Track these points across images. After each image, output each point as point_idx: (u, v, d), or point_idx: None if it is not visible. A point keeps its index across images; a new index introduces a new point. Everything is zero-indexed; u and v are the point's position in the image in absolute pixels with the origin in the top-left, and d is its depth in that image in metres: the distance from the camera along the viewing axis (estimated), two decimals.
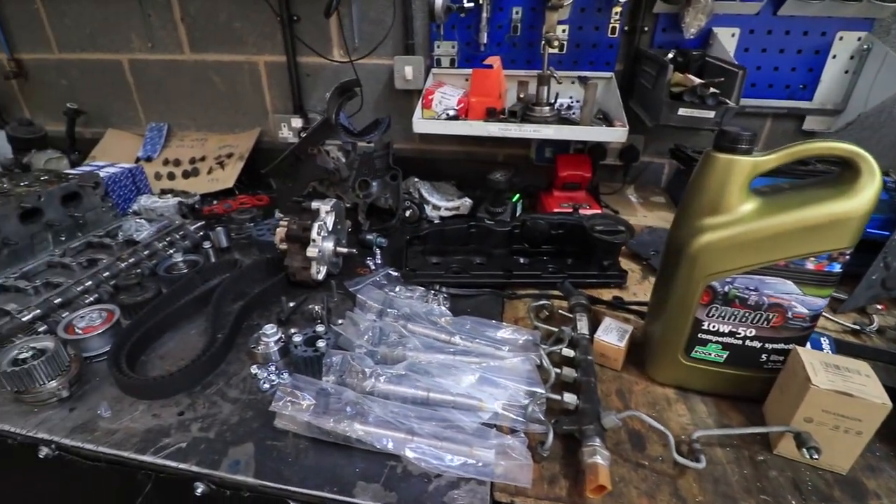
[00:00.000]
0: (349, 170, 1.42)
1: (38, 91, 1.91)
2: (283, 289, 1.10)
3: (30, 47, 1.82)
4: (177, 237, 1.28)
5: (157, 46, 1.70)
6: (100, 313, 0.92)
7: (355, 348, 0.87)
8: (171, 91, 1.78)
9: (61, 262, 1.20)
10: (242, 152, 1.69)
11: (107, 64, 1.78)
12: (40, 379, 0.77)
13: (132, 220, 1.35)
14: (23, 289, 1.08)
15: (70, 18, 1.72)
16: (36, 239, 1.24)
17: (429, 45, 1.52)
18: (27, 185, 1.30)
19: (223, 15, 1.60)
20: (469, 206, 1.42)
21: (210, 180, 1.66)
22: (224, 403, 0.78)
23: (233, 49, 1.65)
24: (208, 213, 1.51)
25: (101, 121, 1.89)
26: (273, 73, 1.67)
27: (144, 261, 1.16)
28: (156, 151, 1.79)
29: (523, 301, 1.07)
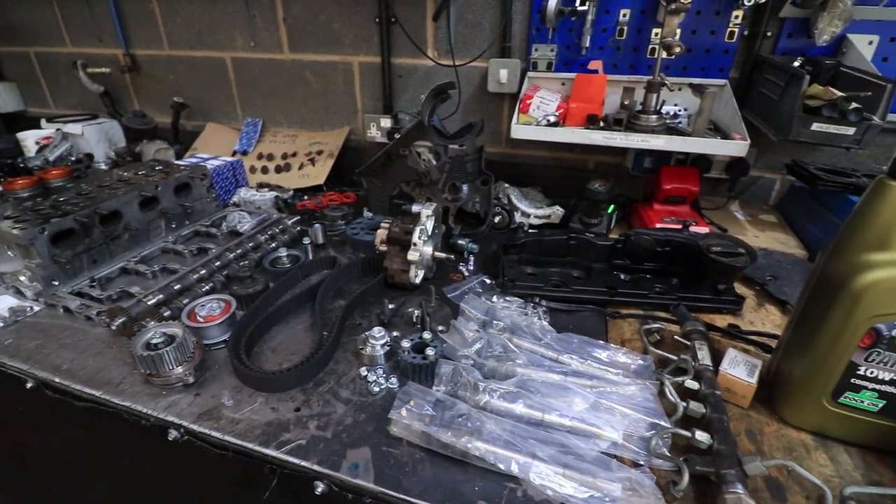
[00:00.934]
0: (440, 172, 1.41)
1: (148, 85, 2.05)
2: (380, 290, 1.11)
3: (144, 44, 1.96)
4: (276, 231, 1.33)
5: (259, 45, 1.77)
6: (218, 303, 0.96)
7: (460, 359, 0.86)
8: (267, 88, 1.85)
9: (174, 249, 1.27)
10: (332, 150, 1.74)
11: (211, 61, 1.88)
12: (169, 364, 0.81)
13: (235, 212, 1.41)
14: (143, 273, 1.16)
15: (181, 18, 1.83)
16: (151, 225, 1.33)
17: (526, 48, 1.48)
18: (144, 174, 1.40)
19: (323, 16, 1.64)
20: (560, 216, 1.38)
21: (301, 176, 1.72)
22: (337, 403, 0.79)
23: (329, 49, 1.69)
24: (301, 208, 1.56)
25: (201, 114, 2.00)
26: (366, 73, 1.69)
27: (250, 253, 1.21)
28: (251, 146, 1.87)
29: (627, 321, 1.02)
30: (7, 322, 0.99)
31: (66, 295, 1.05)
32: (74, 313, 1.01)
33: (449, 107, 1.53)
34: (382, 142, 1.72)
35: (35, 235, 1.04)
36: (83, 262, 1.15)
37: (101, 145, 2.03)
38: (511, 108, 1.59)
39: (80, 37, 2.05)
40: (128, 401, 0.80)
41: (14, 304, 1.05)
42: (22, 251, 1.05)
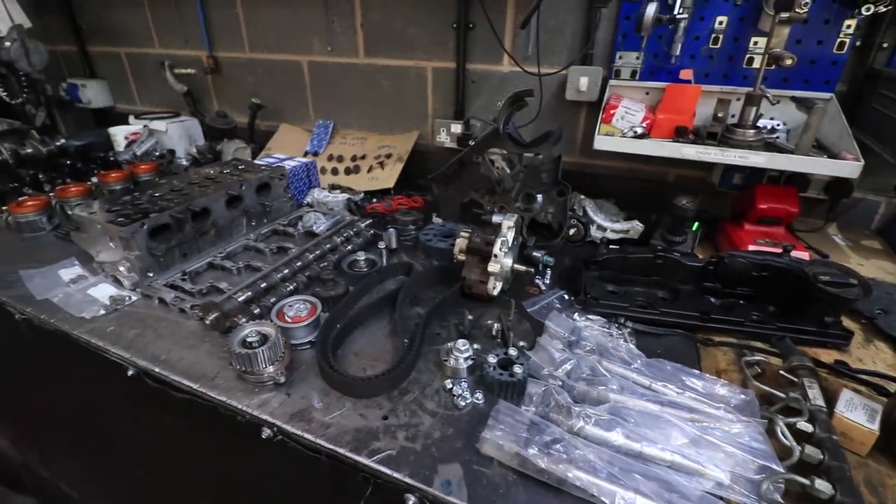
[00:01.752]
0: (513, 181, 1.39)
1: (227, 86, 2.14)
2: (456, 299, 1.10)
3: (226, 47, 2.05)
4: (351, 233, 1.35)
5: (336, 50, 1.81)
6: (305, 304, 0.98)
7: (547, 378, 0.84)
8: (340, 91, 1.89)
9: (255, 247, 1.32)
10: (401, 154, 1.75)
11: (288, 64, 1.94)
12: (263, 363, 0.83)
13: (311, 213, 1.45)
14: (228, 269, 1.21)
15: (263, 22, 1.90)
16: (234, 223, 1.38)
17: (609, 55, 1.44)
18: (229, 173, 1.46)
19: (399, 22, 1.66)
20: (640, 231, 1.32)
21: (370, 179, 1.74)
22: (423, 415, 0.79)
23: (404, 54, 1.71)
24: (371, 211, 1.58)
25: (275, 115, 2.07)
26: (439, 78, 1.70)
27: (328, 255, 1.23)
28: (322, 147, 1.92)
29: (721, 350, 0.96)
30: (108, 310, 1.06)
31: (161, 287, 1.10)
32: (169, 305, 1.06)
33: (526, 114, 1.50)
34: (451, 147, 1.71)
35: (136, 230, 1.10)
36: (175, 255, 1.21)
37: (182, 142, 2.15)
38: (589, 117, 1.55)
39: (168, 39, 2.17)
40: (223, 395, 0.83)
41: (113, 292, 1.12)
42: (123, 243, 1.11)
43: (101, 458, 1.33)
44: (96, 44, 2.42)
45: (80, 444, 1.37)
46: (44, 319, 1.04)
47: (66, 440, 1.42)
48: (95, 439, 1.27)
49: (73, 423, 1.31)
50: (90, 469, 1.44)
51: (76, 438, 1.36)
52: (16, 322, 1.10)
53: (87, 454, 1.38)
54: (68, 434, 1.37)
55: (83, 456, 1.41)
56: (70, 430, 1.34)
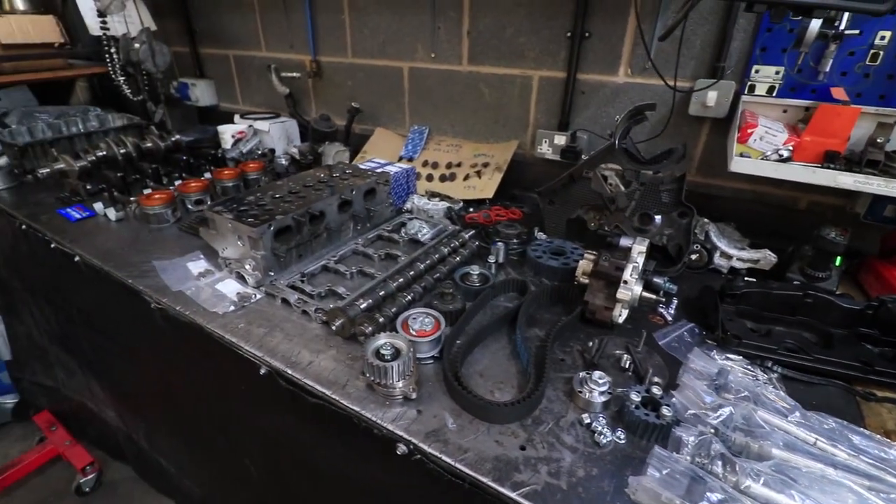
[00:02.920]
0: (628, 200, 1.32)
1: (327, 89, 2.21)
2: (575, 323, 1.05)
3: (329, 52, 2.11)
4: (457, 244, 1.33)
5: (439, 57, 1.81)
6: (428, 318, 0.97)
7: (696, 423, 0.77)
8: (438, 98, 1.90)
9: (364, 252, 1.34)
10: (500, 163, 1.72)
11: (389, 70, 1.97)
12: (395, 377, 0.83)
13: (415, 221, 1.45)
14: (342, 273, 1.23)
15: (369, 29, 1.94)
16: (343, 227, 1.41)
17: (743, 69, 1.33)
18: (338, 176, 1.49)
19: (510, 30, 1.63)
20: (772, 263, 1.22)
21: (466, 187, 1.73)
22: (563, 449, 0.75)
23: (510, 63, 1.68)
24: (469, 220, 1.56)
25: (370, 119, 2.11)
26: (545, 88, 1.65)
27: (438, 266, 1.22)
28: (416, 152, 1.93)
29: (885, 407, 0.85)
30: (236, 306, 1.10)
31: (284, 287, 1.13)
32: (293, 306, 1.09)
33: (650, 129, 1.43)
34: (552, 159, 1.66)
35: (264, 231, 1.14)
36: (292, 256, 1.25)
37: (281, 142, 2.24)
38: (712, 133, 1.45)
39: (275, 43, 2.27)
40: (356, 405, 0.83)
41: (239, 289, 1.17)
42: (251, 243, 1.16)
43: (208, 443, 1.40)
44: (207, 46, 2.58)
45: (189, 426, 1.45)
46: (179, 311, 1.10)
47: (176, 420, 1.51)
48: (207, 425, 1.33)
49: (186, 406, 1.38)
50: (194, 450, 1.52)
51: (186, 420, 1.44)
52: (150, 310, 1.18)
53: (194, 436, 1.46)
54: (180, 415, 1.45)
55: (190, 437, 1.49)
56: (182, 412, 1.42)
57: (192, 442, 1.50)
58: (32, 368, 2.23)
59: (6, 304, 2.14)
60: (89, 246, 1.39)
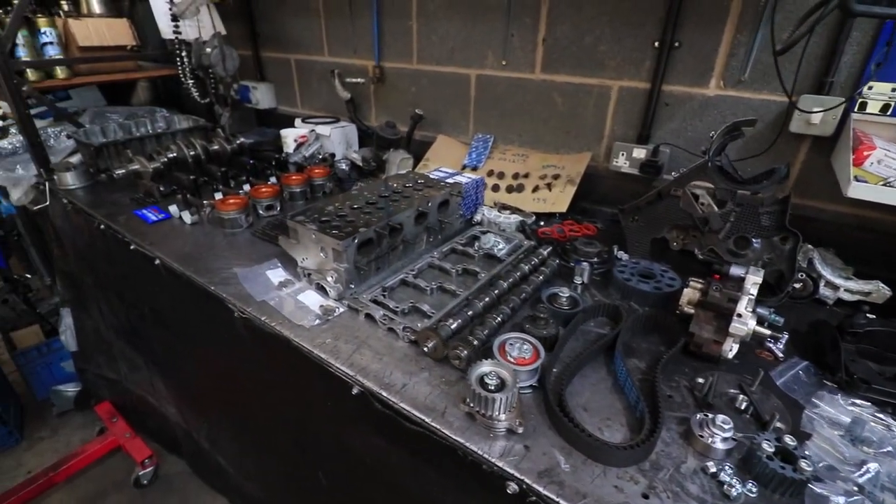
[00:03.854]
0: (722, 221, 1.25)
1: (389, 95, 2.20)
2: (678, 356, 0.99)
3: (394, 57, 2.10)
4: (536, 261, 1.29)
5: (510, 64, 1.77)
6: (525, 345, 0.93)
7: (834, 479, 0.71)
8: (506, 106, 1.85)
9: (440, 266, 1.30)
10: (572, 176, 1.66)
11: (455, 77, 1.94)
12: (500, 409, 0.79)
13: (490, 235, 1.41)
14: (422, 288, 1.20)
15: (437, 35, 1.92)
16: (417, 239, 1.39)
17: (854, 84, 1.24)
18: (411, 187, 1.47)
19: (590, 38, 1.57)
20: (886, 296, 1.12)
21: (536, 199, 1.68)
22: (689, 500, 0.70)
23: (587, 72, 1.62)
24: (542, 235, 1.51)
25: (432, 126, 2.08)
26: (625, 98, 1.59)
27: (522, 285, 1.18)
28: (481, 161, 1.89)
29: None
30: (321, 320, 1.09)
31: (367, 302, 1.11)
32: (378, 322, 1.06)
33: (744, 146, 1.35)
34: (629, 173, 1.59)
35: (349, 243, 1.13)
36: (371, 268, 1.23)
37: (341, 146, 2.24)
38: (813, 152, 1.35)
39: (338, 48, 2.28)
40: (458, 436, 0.80)
41: (321, 301, 1.16)
42: (335, 255, 1.14)
43: (277, 450, 1.40)
44: (269, 50, 2.61)
45: (259, 432, 1.46)
46: (264, 322, 1.09)
47: (244, 424, 1.51)
48: (280, 433, 1.33)
49: (259, 413, 1.39)
50: (261, 455, 1.52)
51: (256, 426, 1.45)
52: (232, 318, 1.18)
53: (262, 442, 1.46)
54: (250, 420, 1.46)
55: (258, 442, 1.50)
56: (253, 418, 1.43)
57: (258, 447, 1.50)
58: (97, 361, 2.31)
59: (76, 298, 2.22)
60: (168, 249, 1.42)
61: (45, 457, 2.33)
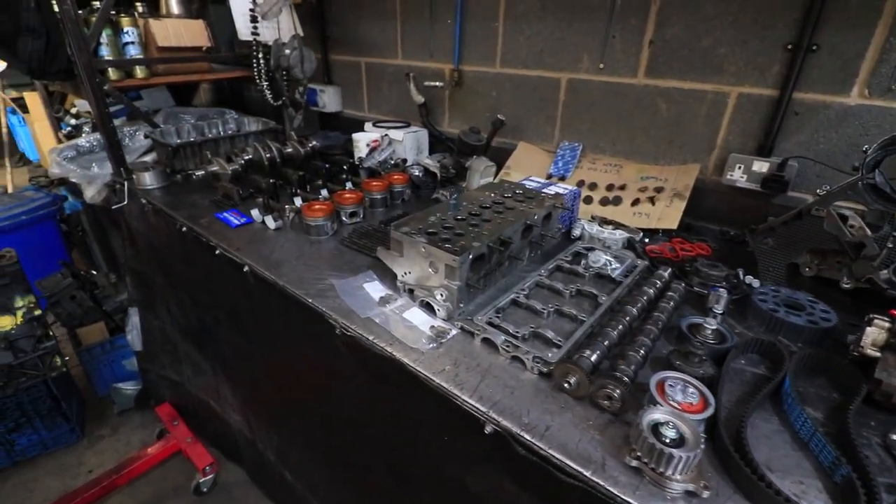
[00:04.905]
0: (878, 247, 1.09)
1: (465, 99, 2.11)
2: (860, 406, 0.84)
3: (474, 60, 2.01)
4: (659, 284, 1.16)
5: (608, 68, 1.65)
6: (688, 388, 0.80)
7: None
8: (600, 112, 1.73)
9: (550, 285, 1.19)
10: (679, 189, 1.53)
11: (543, 81, 1.83)
12: (673, 469, 0.67)
13: (599, 253, 1.29)
14: (538, 310, 1.09)
15: (526, 37, 1.82)
16: (520, 255, 1.28)
17: None
18: (510, 197, 1.36)
19: (707, 40, 1.44)
20: None
21: (636, 214, 1.55)
22: None
23: (701, 77, 1.48)
24: (651, 253, 1.38)
25: (512, 132, 1.98)
26: (744, 106, 1.44)
27: (654, 313, 1.05)
28: (569, 171, 1.78)
29: None
30: (434, 343, 0.99)
31: (484, 325, 1.01)
32: (500, 350, 0.96)
33: None
34: (746, 188, 1.45)
35: (465, 259, 1.03)
36: (480, 286, 1.13)
37: (412, 152, 2.17)
38: None
39: (413, 51, 2.21)
40: (629, 496, 0.68)
41: (430, 321, 1.06)
42: (447, 271, 1.05)
43: (366, 475, 1.31)
44: (339, 53, 2.58)
45: (344, 453, 1.37)
46: (374, 343, 1.00)
47: (324, 442, 1.43)
48: (373, 458, 1.24)
49: (349, 436, 1.30)
50: (343, 477, 1.44)
51: (341, 446, 1.36)
52: (331, 334, 1.10)
53: (348, 464, 1.38)
54: (334, 440, 1.38)
55: (341, 463, 1.41)
56: (340, 438, 1.34)
57: (338, 466, 1.42)
58: (161, 362, 2.29)
59: (145, 297, 2.21)
60: (255, 255, 1.35)
61: (105, 455, 2.33)
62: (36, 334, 1.65)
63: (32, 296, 1.84)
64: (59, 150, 2.18)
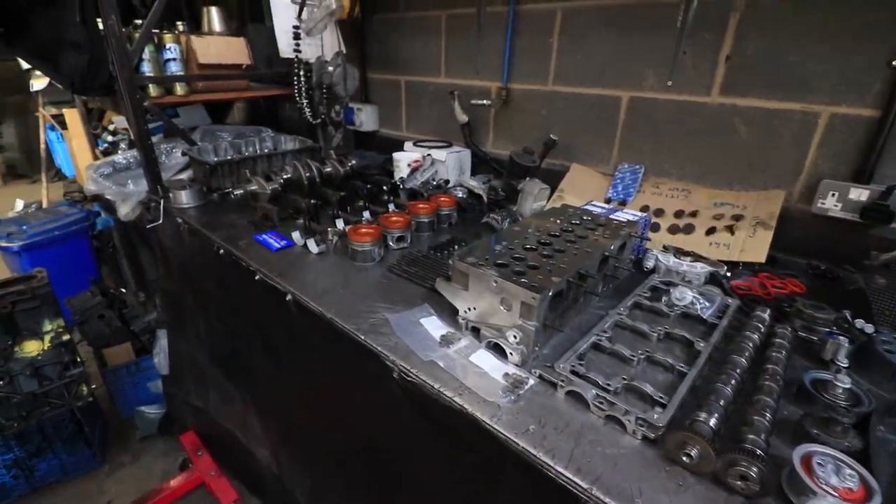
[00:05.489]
0: None
1: (512, 118, 2.01)
2: None
3: (524, 78, 1.92)
4: (760, 328, 1.00)
5: (677, 86, 1.53)
6: (844, 467, 0.65)
7: None
8: (666, 133, 1.60)
9: (633, 327, 1.05)
10: (763, 217, 1.38)
11: (601, 99, 1.72)
12: None
13: (684, 289, 1.14)
14: (625, 357, 0.95)
15: (583, 53, 1.72)
16: (594, 289, 1.14)
17: None
18: (578, 224, 1.24)
19: (796, 55, 1.31)
20: None
21: (714, 244, 1.40)
22: None
23: (788, 95, 1.35)
24: (738, 290, 1.23)
25: (562, 153, 1.86)
26: (838, 127, 1.30)
27: (768, 365, 0.90)
28: (630, 195, 1.64)
29: None
30: (512, 395, 0.86)
31: (567, 374, 0.87)
32: (592, 407, 0.82)
33: None
34: (841, 217, 1.29)
35: (546, 297, 0.90)
36: (556, 325, 1.00)
37: (454, 172, 2.07)
38: None
39: (458, 69, 2.13)
40: None
41: (502, 367, 0.93)
42: (523, 310, 0.92)
43: None
44: (377, 71, 2.52)
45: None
46: (441, 393, 0.87)
47: (368, 493, 1.29)
48: None
49: (402, 487, 1.16)
50: None
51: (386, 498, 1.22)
52: (388, 376, 0.97)
53: None
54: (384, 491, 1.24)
55: None
56: (390, 490, 1.20)
57: None
58: (187, 387, 2.20)
59: (174, 319, 2.13)
60: (298, 282, 1.25)
61: (125, 484, 2.22)
62: (63, 361, 1.56)
63: (61, 319, 1.77)
64: (96, 167, 2.14)
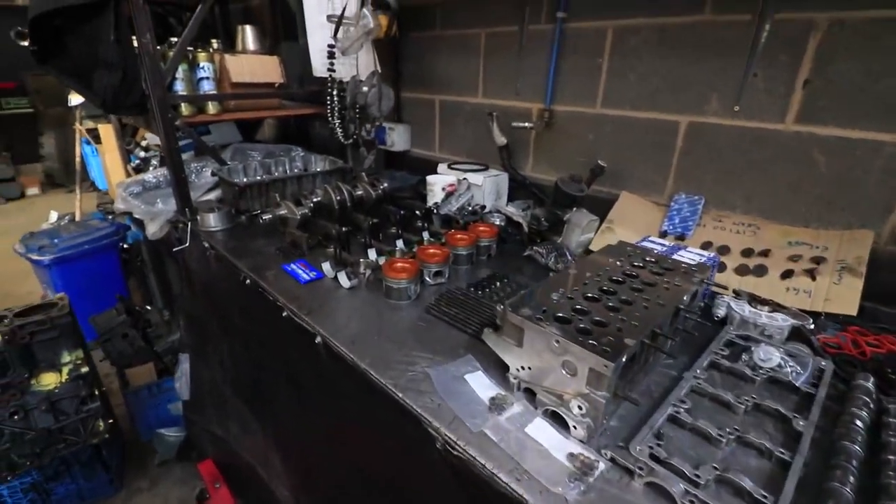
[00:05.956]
0: None
1: (555, 142, 1.89)
2: None
3: (569, 100, 1.80)
4: (864, 401, 0.85)
5: (745, 111, 1.39)
6: None
7: None
8: (731, 162, 1.46)
9: (713, 394, 0.90)
10: (849, 262, 1.22)
11: (655, 124, 1.59)
12: None
13: (768, 348, 0.99)
14: (712, 437, 0.81)
15: (636, 74, 1.59)
16: (667, 347, 1.00)
17: None
18: (640, 266, 1.10)
19: (890, 80, 1.16)
20: None
21: (791, 290, 1.24)
22: None
23: (877, 125, 1.20)
24: (827, 349, 1.07)
25: (610, 181, 1.73)
26: None
27: (891, 458, 0.75)
28: (689, 230, 1.50)
29: None
30: (581, 483, 0.72)
31: (645, 459, 0.74)
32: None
33: None
34: None
35: (620, 363, 0.77)
36: (625, 394, 0.86)
37: (490, 197, 1.96)
38: None
39: (496, 89, 2.04)
40: None
41: (566, 444, 0.80)
42: (591, 377, 0.79)
43: None
44: (410, 90, 2.45)
45: None
46: (494, 475, 0.74)
47: None
48: None
49: None
50: None
51: None
52: (431, 445, 0.85)
53: None
54: None
55: None
56: None
57: None
58: (208, 414, 2.12)
59: (197, 344, 2.06)
60: (329, 324, 1.15)
61: None
62: (80, 395, 1.50)
63: (80, 350, 1.70)
64: (126, 186, 2.11)
